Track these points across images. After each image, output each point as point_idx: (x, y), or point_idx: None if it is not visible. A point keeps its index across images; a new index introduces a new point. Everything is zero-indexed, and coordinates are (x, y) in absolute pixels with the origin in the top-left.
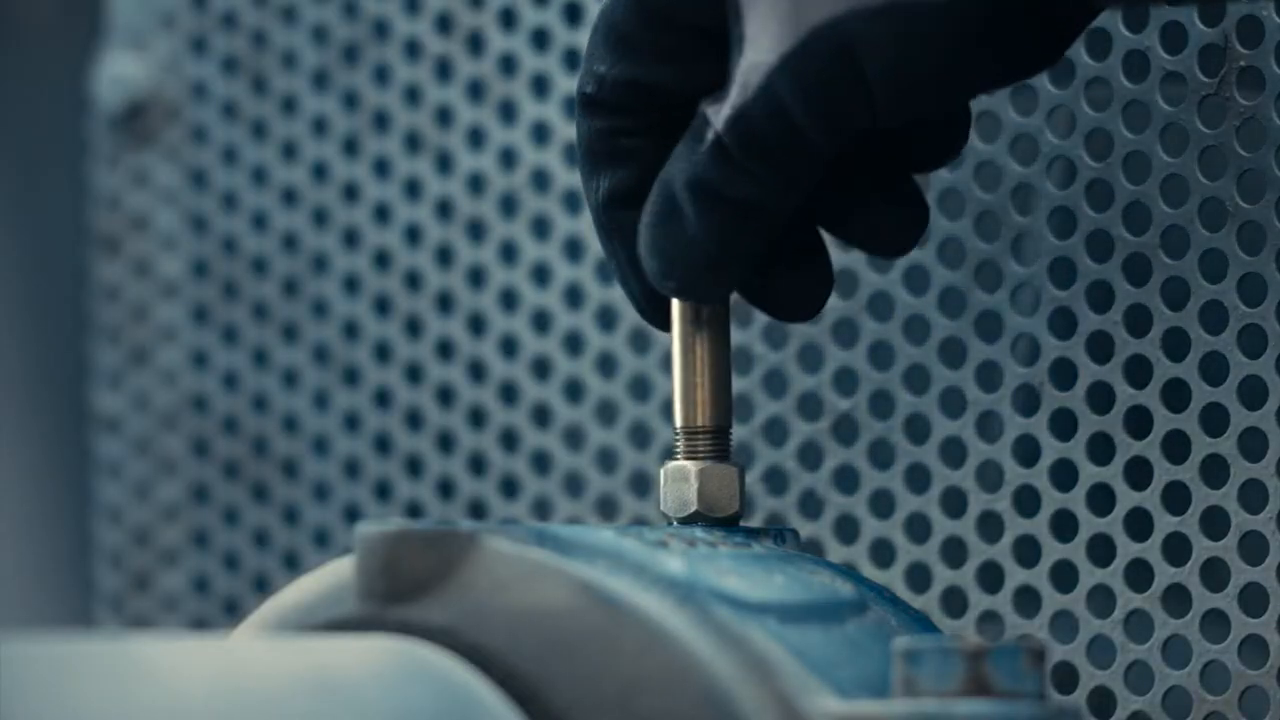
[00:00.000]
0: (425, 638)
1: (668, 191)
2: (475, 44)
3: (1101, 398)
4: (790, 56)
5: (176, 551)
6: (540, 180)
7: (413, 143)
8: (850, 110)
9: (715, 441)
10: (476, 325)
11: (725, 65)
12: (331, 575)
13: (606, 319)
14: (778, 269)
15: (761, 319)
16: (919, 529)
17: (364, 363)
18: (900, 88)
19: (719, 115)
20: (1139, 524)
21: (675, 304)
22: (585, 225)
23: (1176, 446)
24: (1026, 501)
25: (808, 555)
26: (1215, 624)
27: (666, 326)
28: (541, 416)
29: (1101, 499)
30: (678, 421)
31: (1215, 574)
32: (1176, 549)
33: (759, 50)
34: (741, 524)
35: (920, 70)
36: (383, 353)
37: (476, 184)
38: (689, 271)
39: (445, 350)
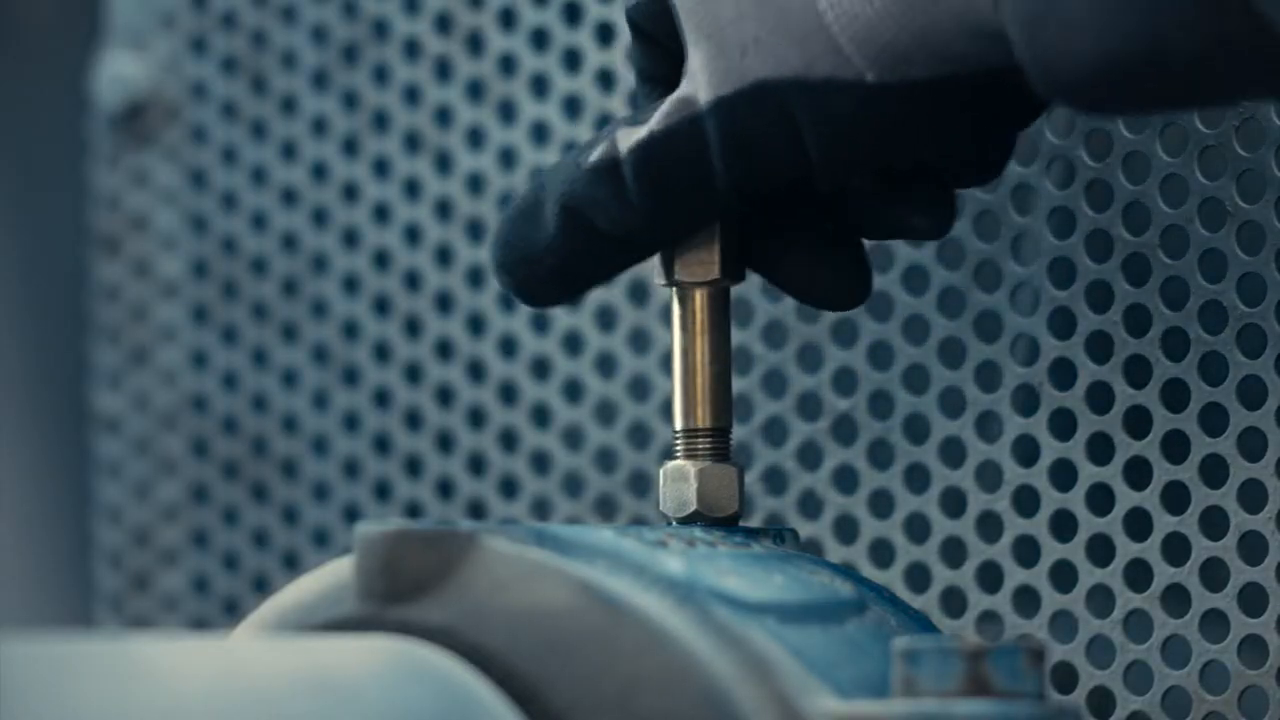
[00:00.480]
0: (425, 638)
1: (539, 194)
2: (475, 44)
3: (1101, 398)
4: (727, 102)
5: (176, 551)
6: None
7: (412, 143)
8: (775, 169)
9: (715, 441)
10: (476, 325)
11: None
12: (331, 575)
13: (606, 319)
14: (806, 258)
15: (761, 319)
16: (918, 529)
17: (363, 363)
18: (837, 159)
19: (628, 138)
20: (1138, 524)
21: (675, 304)
22: None
23: (1176, 446)
24: (1026, 501)
25: (807, 555)
26: (1215, 624)
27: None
28: (541, 416)
29: (1101, 499)
30: (677, 424)
31: (1215, 574)
32: (1176, 549)
33: (693, 86)
34: (741, 524)
35: (860, 144)
36: (382, 353)
37: (476, 184)
38: (530, 278)
39: (445, 350)
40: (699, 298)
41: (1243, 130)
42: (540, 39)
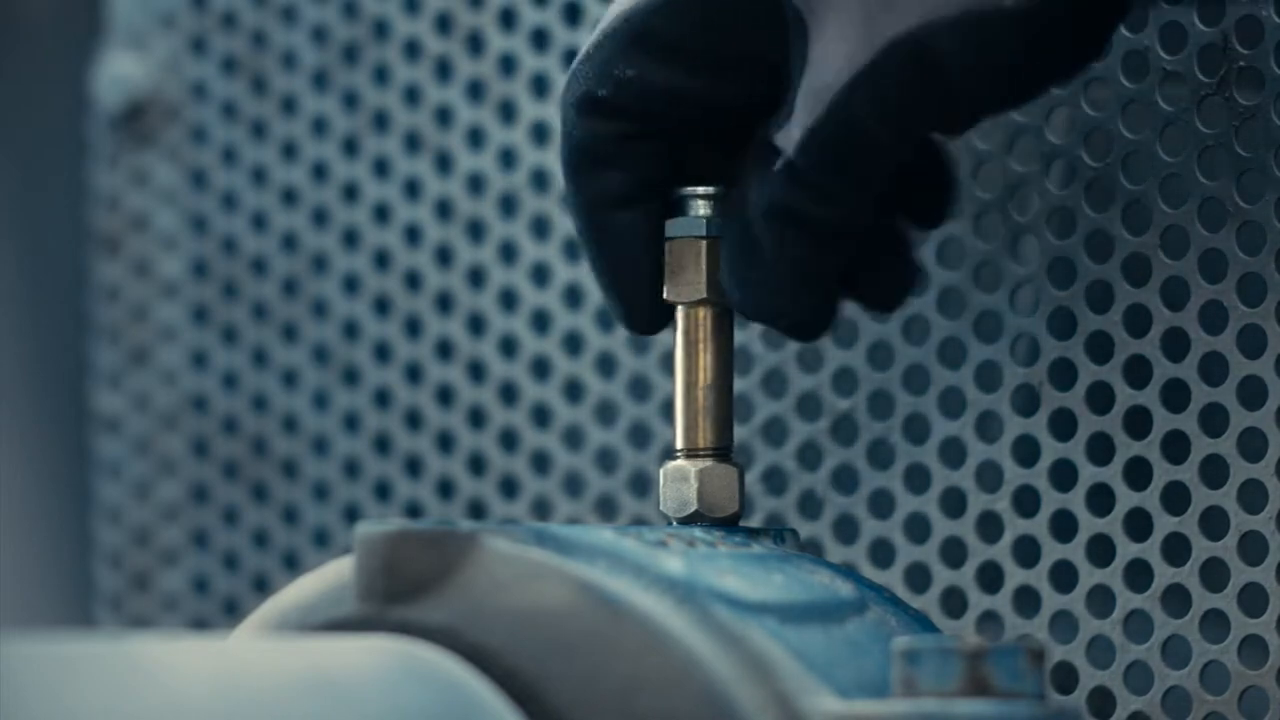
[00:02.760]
0: (425, 638)
1: (744, 224)
2: (475, 44)
3: (1101, 398)
4: (867, 72)
5: (176, 551)
6: (540, 180)
7: (412, 143)
8: (928, 117)
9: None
10: (476, 325)
11: (762, 77)
12: (331, 575)
13: (606, 319)
14: (856, 262)
15: None
16: (918, 529)
17: (364, 363)
18: (979, 92)
19: (789, 139)
20: (1138, 524)
21: (678, 324)
22: None
23: (1176, 447)
24: (1026, 502)
25: (807, 555)
26: (1215, 624)
27: (652, 330)
28: (541, 416)
29: (1101, 499)
30: (679, 443)
31: (1215, 574)
32: (1176, 549)
33: (827, 71)
34: (741, 524)
35: (998, 73)
36: (382, 353)
37: (476, 184)
38: (776, 299)
39: (445, 350)
40: (701, 317)
41: (1243, 130)
42: (540, 39)
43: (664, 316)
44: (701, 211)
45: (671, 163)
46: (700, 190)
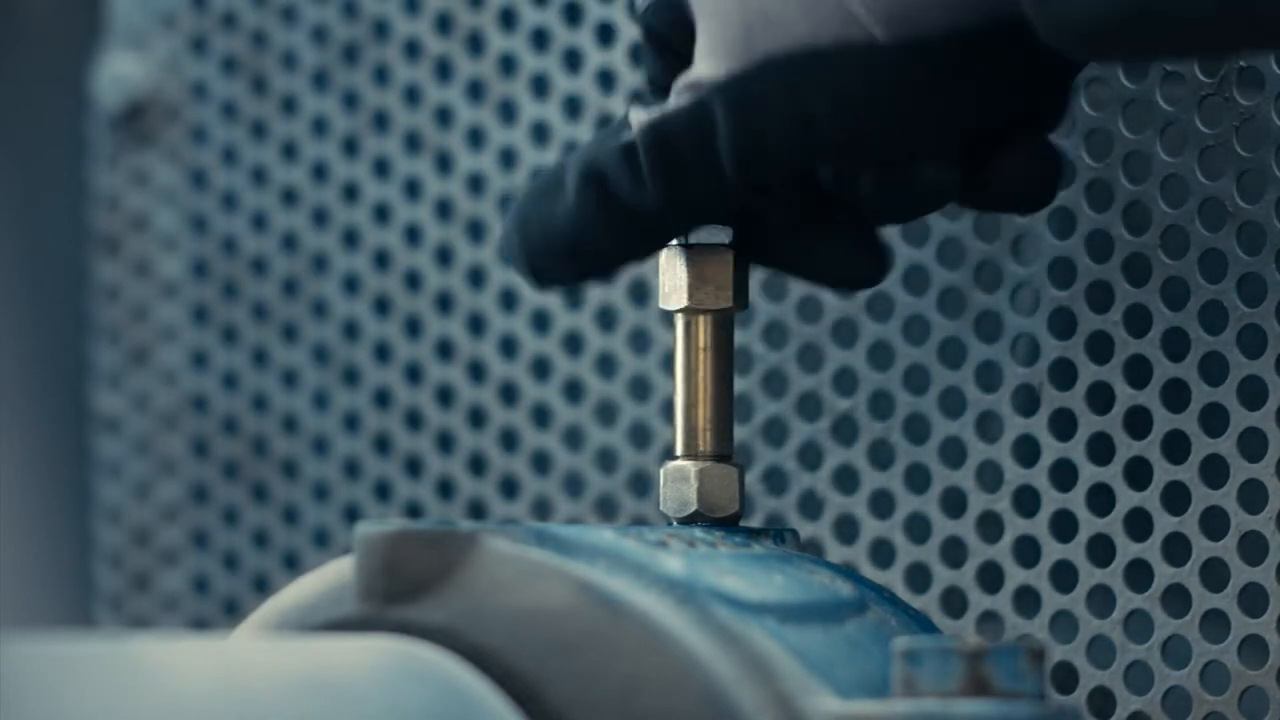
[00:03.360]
0: (425, 638)
1: (560, 171)
2: (475, 44)
3: (1101, 398)
4: (734, 79)
5: (176, 551)
6: None
7: (413, 143)
8: (784, 146)
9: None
10: (476, 325)
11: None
12: (331, 575)
13: (606, 319)
14: (812, 236)
15: (761, 319)
16: (919, 529)
17: (364, 363)
18: (849, 129)
19: (639, 119)
20: (1139, 524)
21: (679, 332)
22: None
23: (1176, 446)
24: (1026, 501)
25: (807, 555)
26: (1215, 624)
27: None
28: (541, 416)
29: (1101, 499)
30: (679, 452)
31: (1215, 574)
32: (1176, 549)
33: (703, 67)
34: (741, 524)
35: (872, 111)
36: (383, 353)
37: (476, 184)
38: (545, 252)
39: (445, 350)
40: (701, 324)
41: (1243, 130)
42: (540, 39)
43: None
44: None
45: None
46: None
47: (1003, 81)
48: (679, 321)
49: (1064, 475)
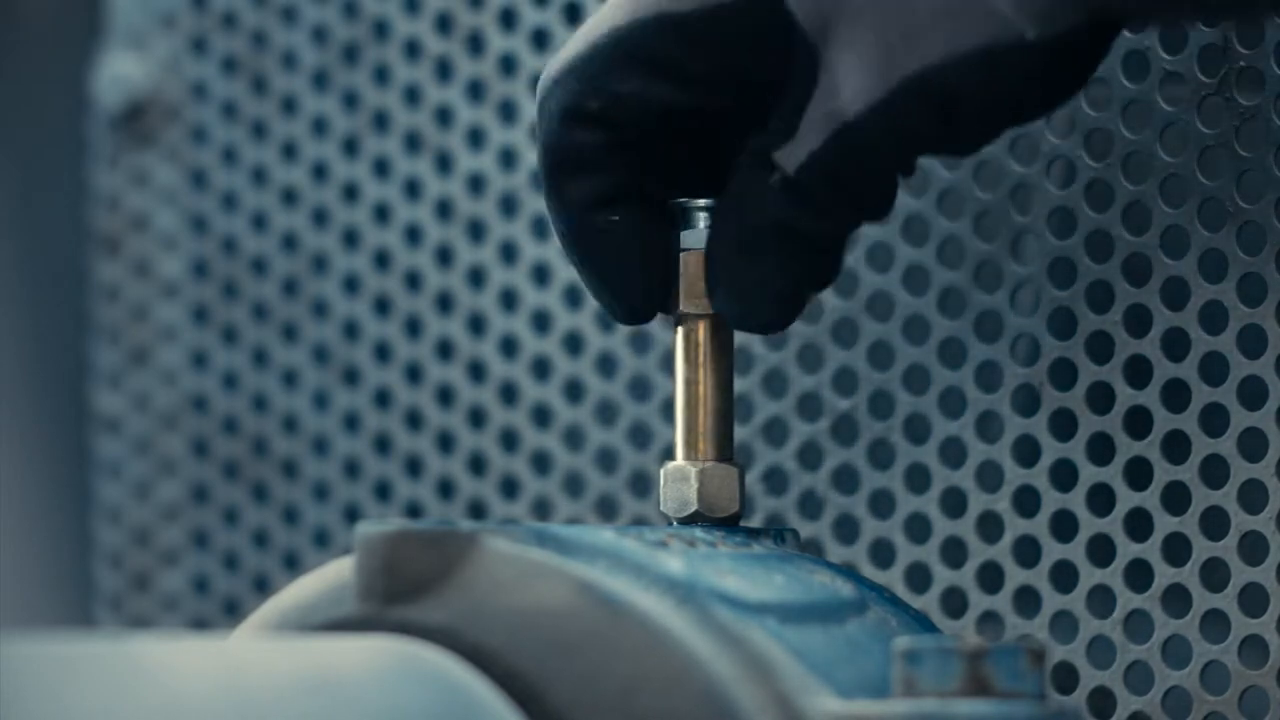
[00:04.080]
0: (425, 638)
1: (745, 235)
2: (475, 44)
3: (1101, 398)
4: (882, 107)
5: (176, 551)
6: (540, 180)
7: (413, 143)
8: (936, 146)
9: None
10: (476, 325)
11: (753, 94)
12: (331, 575)
13: (606, 319)
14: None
15: None
16: (919, 529)
17: (364, 363)
18: (987, 124)
19: (790, 159)
20: (1139, 524)
21: (678, 344)
22: None
23: (1176, 446)
24: (1026, 501)
25: (808, 555)
26: (1215, 624)
27: (641, 321)
28: (541, 416)
29: (1101, 499)
30: (679, 457)
31: (1215, 574)
32: (1176, 549)
33: (841, 99)
34: (741, 524)
35: (1009, 104)
36: (383, 353)
37: (476, 184)
38: (769, 308)
39: (445, 350)
40: (702, 330)
41: (1243, 130)
42: (540, 39)
43: (653, 308)
44: (707, 224)
45: (654, 166)
46: (702, 203)
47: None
48: (680, 325)
49: (1064, 475)
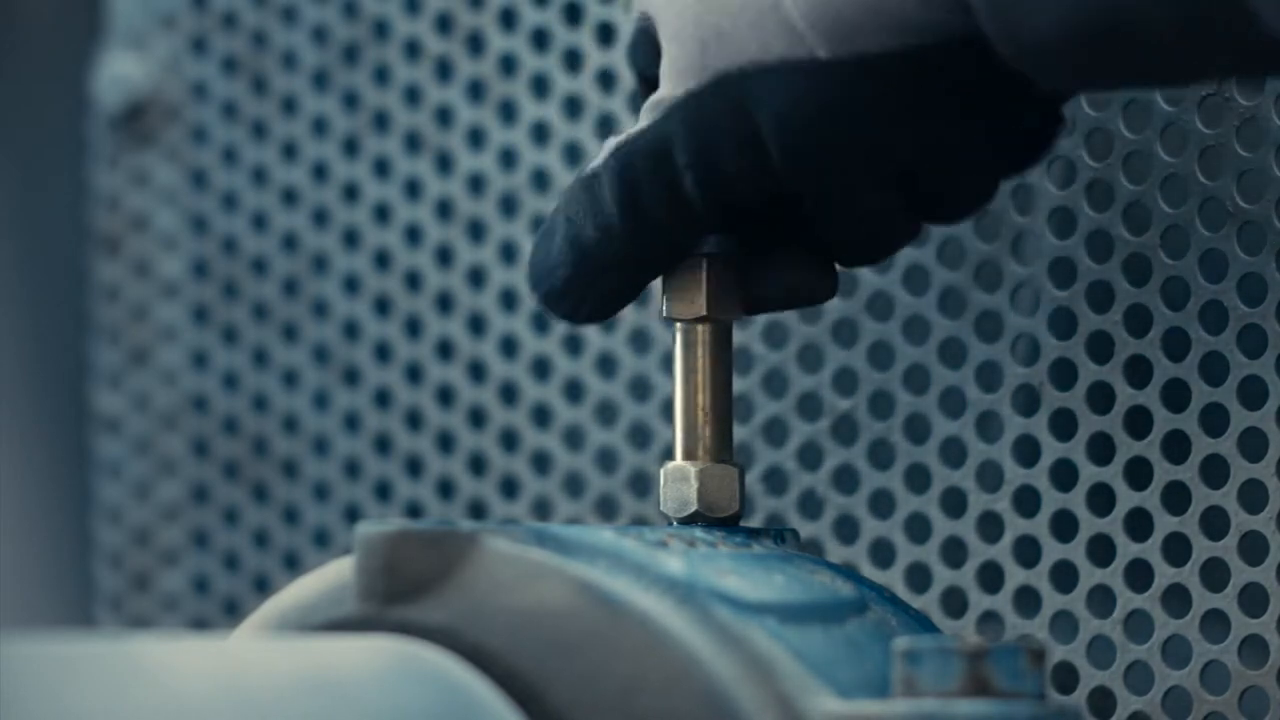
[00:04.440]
0: (425, 638)
1: (556, 209)
2: (475, 44)
3: (1101, 398)
4: (689, 98)
5: (176, 551)
6: (540, 180)
7: (413, 143)
8: (739, 171)
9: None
10: (476, 325)
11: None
12: (332, 575)
13: (606, 319)
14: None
15: (761, 319)
16: (919, 529)
17: (364, 363)
18: (792, 147)
19: (609, 146)
20: (1139, 524)
21: (677, 340)
22: None
23: (1176, 446)
24: (1026, 501)
25: (808, 555)
26: (1215, 624)
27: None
28: (541, 416)
29: (1101, 499)
30: (679, 452)
31: (1215, 574)
32: (1176, 549)
33: (665, 88)
34: (742, 524)
35: (813, 130)
36: (383, 353)
37: (476, 184)
38: (550, 292)
39: (445, 350)
40: (700, 334)
41: (1243, 130)
42: (540, 39)
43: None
44: None
45: None
46: None
47: (956, 106)
48: (679, 326)
49: (1064, 475)
